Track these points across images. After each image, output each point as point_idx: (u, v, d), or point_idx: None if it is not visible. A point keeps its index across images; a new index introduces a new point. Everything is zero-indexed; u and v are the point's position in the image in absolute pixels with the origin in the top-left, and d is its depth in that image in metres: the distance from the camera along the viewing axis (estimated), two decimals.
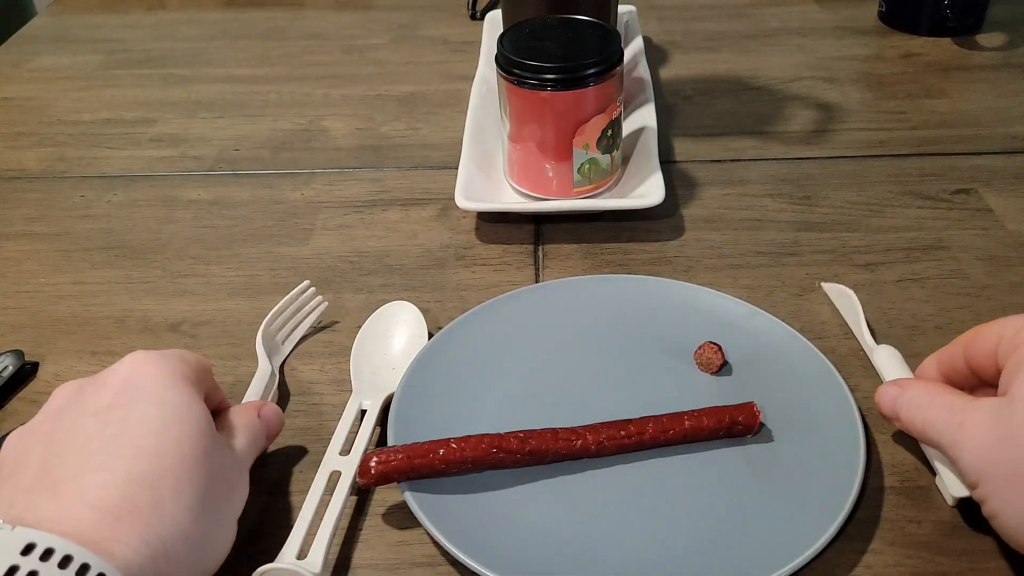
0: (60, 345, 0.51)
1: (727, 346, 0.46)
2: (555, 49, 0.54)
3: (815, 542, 0.36)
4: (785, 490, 0.39)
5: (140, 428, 0.34)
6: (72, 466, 0.33)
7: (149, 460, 0.33)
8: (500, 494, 0.40)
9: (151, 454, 0.33)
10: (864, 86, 0.75)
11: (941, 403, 0.37)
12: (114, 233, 0.60)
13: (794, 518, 0.38)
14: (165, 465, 0.33)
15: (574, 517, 0.39)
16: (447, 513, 0.38)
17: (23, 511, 0.31)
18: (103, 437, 0.34)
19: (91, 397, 0.36)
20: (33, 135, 0.73)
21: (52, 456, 0.33)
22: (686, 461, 0.41)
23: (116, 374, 0.37)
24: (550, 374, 0.46)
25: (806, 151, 0.66)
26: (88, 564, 0.29)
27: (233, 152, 0.69)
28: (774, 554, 0.36)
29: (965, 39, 0.81)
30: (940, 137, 0.67)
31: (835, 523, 0.37)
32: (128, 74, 0.82)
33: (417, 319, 0.49)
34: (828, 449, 0.41)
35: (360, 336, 0.49)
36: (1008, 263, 0.54)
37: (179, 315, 0.53)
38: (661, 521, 0.39)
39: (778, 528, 0.38)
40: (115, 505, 0.31)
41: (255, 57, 0.85)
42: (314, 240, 0.59)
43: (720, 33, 0.85)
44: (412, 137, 0.70)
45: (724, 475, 0.41)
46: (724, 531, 0.38)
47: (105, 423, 0.34)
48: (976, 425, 0.35)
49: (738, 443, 0.42)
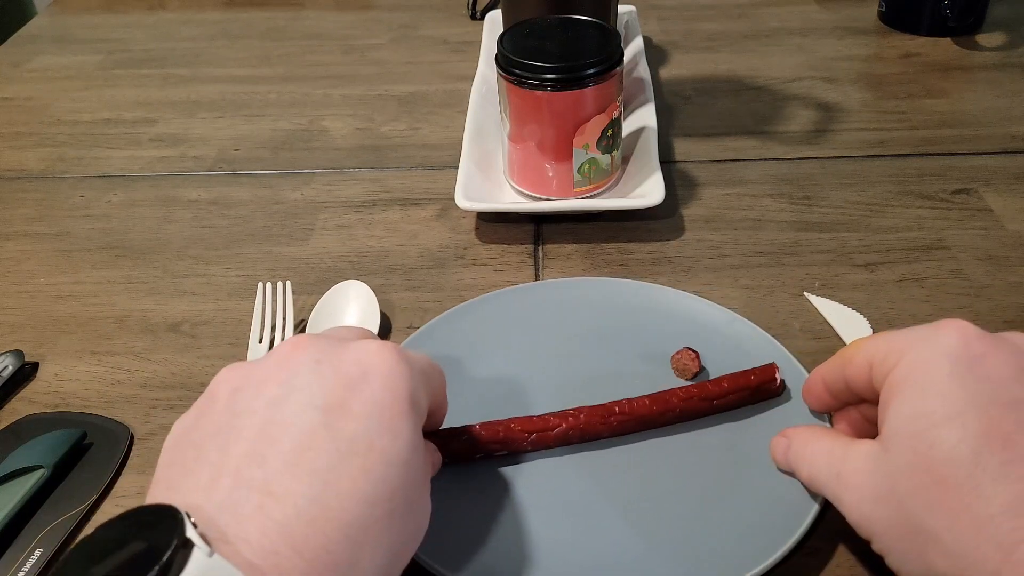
0: (60, 345, 0.51)
1: (705, 352, 0.46)
2: (555, 49, 0.54)
3: (783, 544, 0.36)
4: (756, 494, 0.39)
5: (366, 462, 0.28)
6: (282, 473, 0.27)
7: (361, 507, 0.28)
8: (447, 488, 0.40)
9: (364, 500, 0.28)
10: (864, 86, 0.75)
11: (819, 450, 0.35)
12: (114, 233, 0.61)
13: (764, 520, 0.38)
14: (374, 515, 0.28)
15: (567, 513, 0.39)
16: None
17: (217, 512, 0.26)
18: (327, 452, 0.28)
19: (317, 379, 0.30)
20: (33, 135, 0.73)
21: (260, 439, 0.28)
22: (667, 461, 0.41)
23: (356, 363, 0.31)
24: (523, 375, 0.46)
25: (806, 151, 0.66)
26: None
27: (233, 152, 0.69)
28: (741, 556, 0.36)
29: (965, 39, 0.81)
30: (940, 137, 0.67)
31: (802, 526, 0.37)
32: (128, 74, 0.82)
33: (368, 297, 0.51)
34: None
35: (312, 318, 0.50)
36: (1008, 263, 0.54)
37: (179, 315, 0.53)
38: (643, 512, 0.39)
39: (746, 530, 0.37)
40: (315, 556, 0.26)
41: (255, 57, 0.85)
42: (314, 240, 0.59)
43: (720, 33, 0.85)
44: (412, 137, 0.70)
45: (697, 481, 0.40)
46: (691, 534, 0.38)
47: (336, 436, 0.29)
48: (853, 477, 0.32)
49: (715, 446, 0.42)
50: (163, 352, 0.50)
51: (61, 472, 0.42)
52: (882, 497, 0.31)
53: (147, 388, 0.48)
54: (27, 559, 0.38)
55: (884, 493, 0.31)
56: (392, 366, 0.31)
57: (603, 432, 0.41)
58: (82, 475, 0.43)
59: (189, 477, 0.28)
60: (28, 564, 0.38)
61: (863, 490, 0.32)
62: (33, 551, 0.39)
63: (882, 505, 0.31)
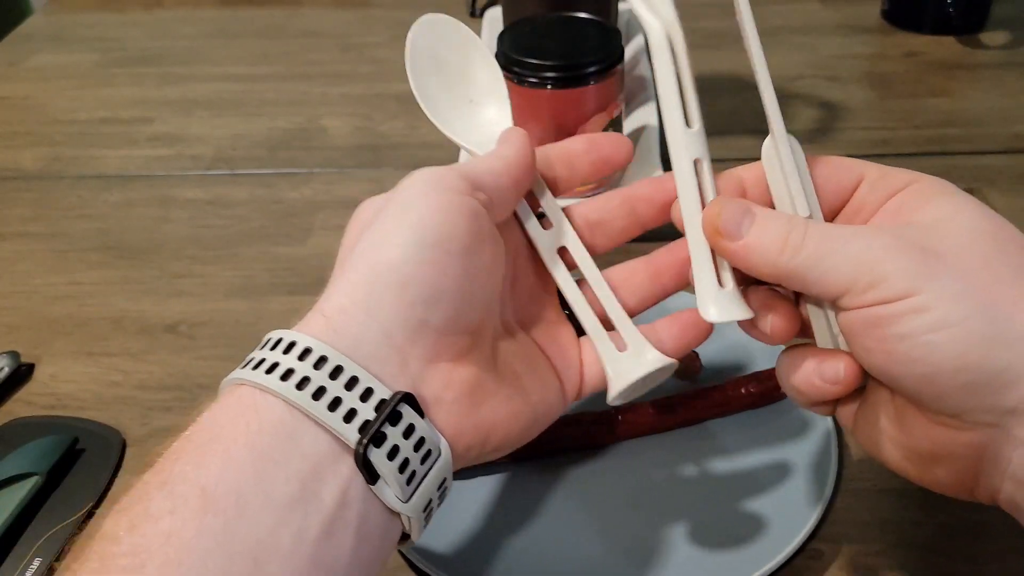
0: (56, 346, 0.51)
1: (705, 352, 0.45)
2: (556, 47, 0.54)
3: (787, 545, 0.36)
4: (757, 497, 0.39)
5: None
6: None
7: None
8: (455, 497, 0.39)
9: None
10: (867, 85, 0.74)
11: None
12: (110, 233, 0.60)
13: (766, 522, 0.37)
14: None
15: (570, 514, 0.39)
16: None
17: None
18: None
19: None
20: (29, 134, 0.73)
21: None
22: (668, 464, 0.41)
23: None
24: None
25: (808, 150, 0.65)
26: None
27: (230, 151, 0.69)
28: (753, 554, 0.36)
29: (969, 38, 0.81)
30: (943, 136, 0.66)
31: (804, 528, 0.37)
32: (125, 73, 0.82)
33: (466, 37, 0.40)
34: (804, 450, 0.40)
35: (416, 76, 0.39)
36: None
37: (176, 316, 0.52)
38: (643, 514, 0.38)
39: (747, 533, 0.37)
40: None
41: (252, 55, 0.84)
42: (312, 240, 0.58)
43: (722, 31, 0.84)
44: (411, 136, 0.70)
45: (698, 484, 0.40)
46: (692, 537, 0.38)
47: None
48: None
49: (715, 448, 0.41)
50: (160, 353, 0.50)
51: (54, 479, 0.42)
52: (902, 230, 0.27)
53: (144, 390, 0.48)
54: (26, 568, 0.38)
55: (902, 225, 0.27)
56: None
57: (608, 440, 0.41)
58: (76, 481, 0.42)
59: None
60: (28, 573, 0.38)
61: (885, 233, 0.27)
62: (32, 560, 0.38)
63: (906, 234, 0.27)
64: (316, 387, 0.25)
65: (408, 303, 0.27)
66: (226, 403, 0.26)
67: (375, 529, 0.26)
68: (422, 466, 0.27)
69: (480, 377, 0.29)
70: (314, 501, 0.25)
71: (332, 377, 0.26)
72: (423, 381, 0.28)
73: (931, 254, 0.26)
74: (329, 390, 0.25)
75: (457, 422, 0.28)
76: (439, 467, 0.27)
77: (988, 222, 0.28)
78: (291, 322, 0.28)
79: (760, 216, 0.29)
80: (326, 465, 0.25)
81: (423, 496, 0.27)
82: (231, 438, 0.25)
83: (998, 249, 0.27)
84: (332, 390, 0.25)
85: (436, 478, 0.27)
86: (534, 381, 0.31)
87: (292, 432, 0.25)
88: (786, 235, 0.28)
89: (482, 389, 0.29)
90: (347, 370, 0.26)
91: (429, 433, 0.27)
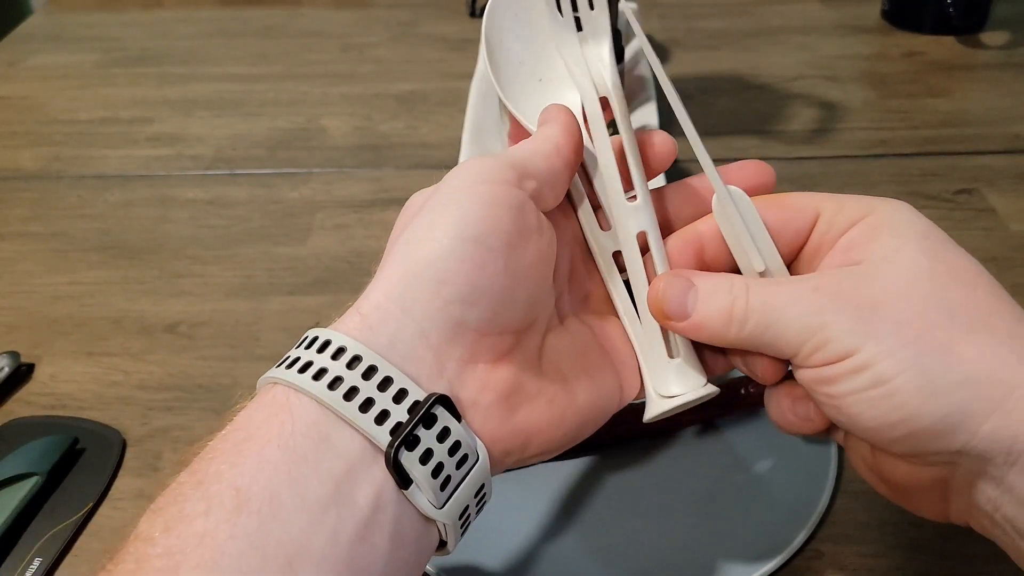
0: (56, 346, 0.51)
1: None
2: None
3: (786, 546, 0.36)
4: (758, 497, 0.39)
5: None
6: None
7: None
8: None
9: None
10: (866, 85, 0.74)
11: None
12: (110, 233, 0.60)
13: (767, 523, 0.38)
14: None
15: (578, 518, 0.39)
16: None
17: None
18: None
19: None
20: (29, 134, 0.73)
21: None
22: (668, 464, 0.41)
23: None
24: None
25: (808, 150, 0.66)
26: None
27: (230, 151, 0.69)
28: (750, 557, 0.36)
29: (968, 38, 0.81)
30: (943, 137, 0.67)
31: (804, 529, 0.37)
32: (125, 73, 0.82)
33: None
34: (804, 451, 0.40)
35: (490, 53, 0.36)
36: (1011, 264, 0.53)
37: (176, 316, 0.52)
38: (644, 515, 0.38)
39: (748, 533, 0.37)
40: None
41: (252, 55, 0.84)
42: (312, 240, 0.58)
43: (721, 31, 0.84)
44: (411, 136, 0.70)
45: (698, 485, 0.40)
46: (692, 538, 0.38)
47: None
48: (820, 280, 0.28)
49: (716, 449, 0.41)
50: (160, 353, 0.50)
51: (54, 479, 0.42)
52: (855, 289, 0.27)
53: (144, 390, 0.48)
54: (26, 568, 0.38)
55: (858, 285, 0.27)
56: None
57: (608, 441, 0.41)
58: (76, 481, 0.42)
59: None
60: (28, 573, 0.38)
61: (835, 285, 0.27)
62: (32, 560, 0.38)
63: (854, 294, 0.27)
64: (348, 387, 0.25)
65: (444, 301, 0.26)
66: (261, 402, 0.26)
67: (410, 533, 0.25)
68: (457, 471, 0.26)
69: (520, 379, 0.28)
70: (348, 503, 0.24)
71: (365, 377, 0.25)
72: (460, 383, 0.27)
73: (867, 308, 0.26)
74: (362, 391, 0.25)
75: (495, 426, 0.27)
76: (476, 473, 0.26)
77: (927, 258, 0.27)
78: (330, 318, 0.27)
79: (703, 291, 0.29)
80: (360, 467, 0.25)
81: (459, 502, 0.26)
82: (265, 438, 0.24)
83: (936, 288, 0.26)
84: (364, 391, 0.25)
85: (473, 484, 0.26)
86: (583, 382, 0.30)
87: (325, 433, 0.25)
88: (730, 308, 0.28)
89: (522, 392, 0.28)
90: (381, 370, 0.25)
91: (465, 437, 0.26)
